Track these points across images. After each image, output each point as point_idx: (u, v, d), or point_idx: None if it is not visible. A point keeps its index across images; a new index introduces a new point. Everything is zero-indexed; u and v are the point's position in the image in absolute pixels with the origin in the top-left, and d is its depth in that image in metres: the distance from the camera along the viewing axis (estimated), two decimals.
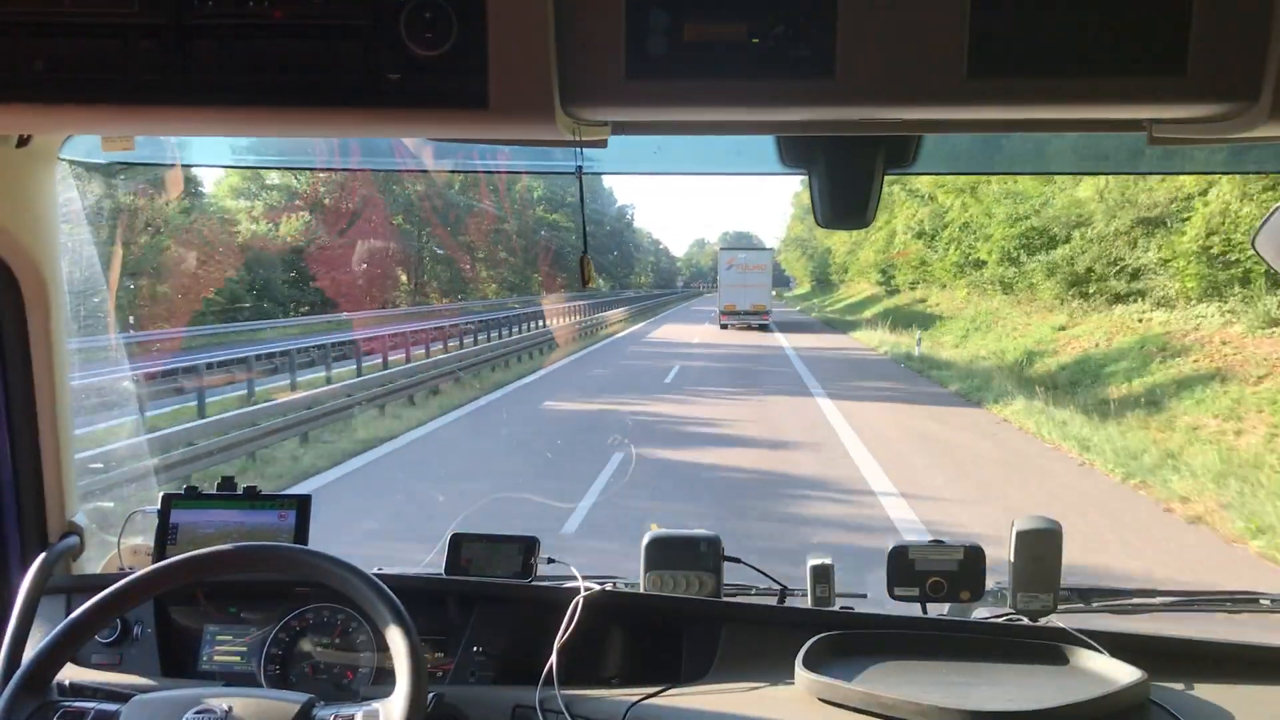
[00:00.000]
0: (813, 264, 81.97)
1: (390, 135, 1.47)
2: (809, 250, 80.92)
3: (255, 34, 0.97)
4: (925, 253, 33.77)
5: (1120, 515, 8.69)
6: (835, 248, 60.84)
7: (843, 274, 64.11)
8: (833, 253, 64.34)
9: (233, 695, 1.22)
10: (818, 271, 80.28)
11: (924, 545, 1.71)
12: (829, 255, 67.31)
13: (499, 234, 63.59)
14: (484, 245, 63.31)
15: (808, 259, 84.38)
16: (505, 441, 12.38)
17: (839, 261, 61.25)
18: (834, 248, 61.65)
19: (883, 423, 13.59)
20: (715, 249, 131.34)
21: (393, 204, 48.11)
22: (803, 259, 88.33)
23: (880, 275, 44.59)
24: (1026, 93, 0.97)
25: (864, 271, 51.45)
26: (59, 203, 1.69)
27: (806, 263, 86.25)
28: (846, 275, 62.19)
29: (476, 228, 60.41)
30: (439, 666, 1.68)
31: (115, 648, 1.72)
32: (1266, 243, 1.48)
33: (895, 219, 35.11)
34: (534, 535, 1.79)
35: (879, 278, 45.41)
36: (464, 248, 60.47)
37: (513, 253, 67.21)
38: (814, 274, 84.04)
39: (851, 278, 59.80)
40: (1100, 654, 1.51)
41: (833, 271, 68.99)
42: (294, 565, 1.34)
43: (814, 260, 79.87)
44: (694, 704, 1.51)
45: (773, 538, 7.34)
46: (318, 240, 38.84)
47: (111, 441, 2.93)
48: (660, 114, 1.07)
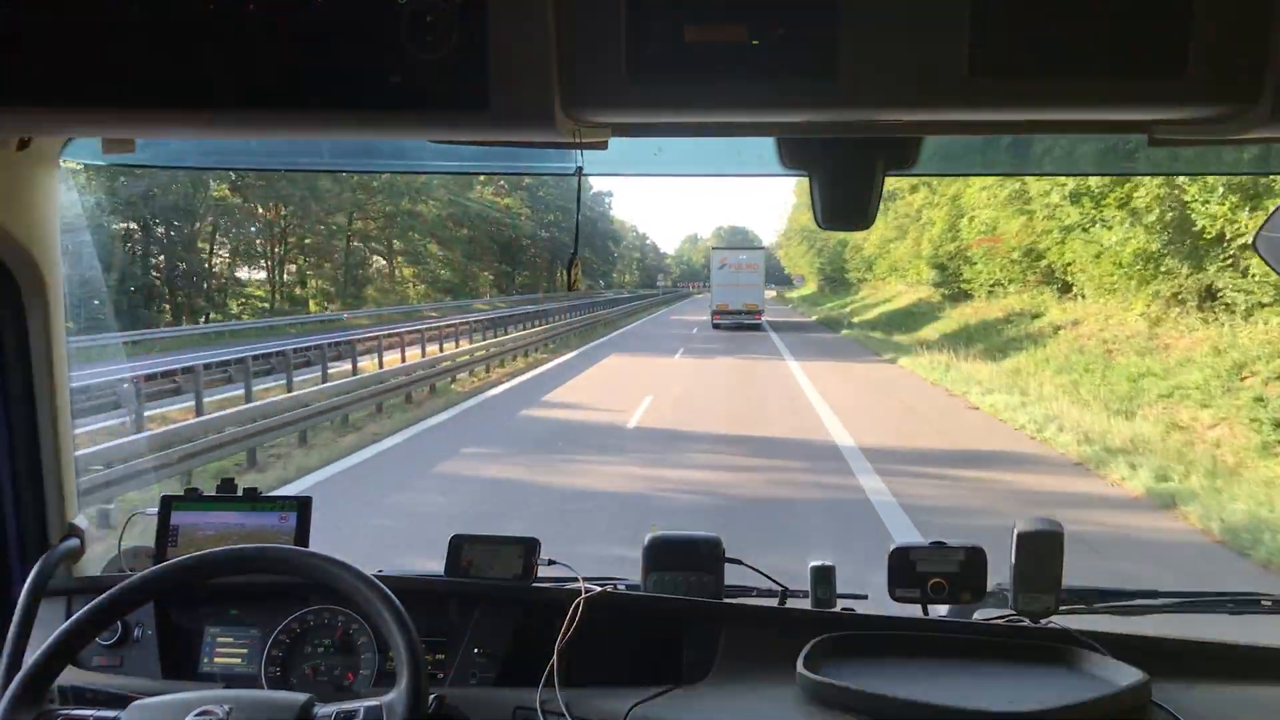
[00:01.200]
0: (821, 259, 69.55)
1: (390, 137, 1.47)
2: (816, 244, 69.46)
3: (255, 36, 0.97)
4: (1042, 239, 21.12)
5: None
6: (859, 239, 45.52)
7: (865, 270, 52.07)
8: (852, 245, 51.32)
9: (233, 697, 1.22)
10: (828, 268, 68.18)
11: (925, 547, 1.71)
12: (844, 248, 55.96)
13: (416, 219, 53.07)
14: (398, 236, 53.06)
15: (815, 253, 71.80)
16: None
17: (866, 254, 48.36)
18: (856, 239, 46.97)
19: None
20: (708, 245, 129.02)
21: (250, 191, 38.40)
22: (809, 253, 75.96)
23: (937, 273, 31.79)
24: (1027, 95, 0.97)
25: (899, 267, 40.38)
26: (59, 205, 1.69)
27: (814, 258, 73.95)
28: (872, 272, 50.15)
29: (387, 215, 50.75)
30: (440, 668, 1.68)
31: (116, 650, 1.72)
32: (1266, 244, 1.48)
33: (969, 191, 24.74)
34: (535, 537, 1.79)
35: (933, 275, 32.42)
36: (365, 237, 51.21)
37: (449, 246, 57.05)
38: (823, 270, 71.74)
39: (881, 275, 47.42)
40: (1102, 655, 1.51)
41: (851, 268, 56.89)
42: (294, 567, 1.34)
43: (823, 255, 67.60)
44: (695, 705, 1.51)
45: None
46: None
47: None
48: (661, 116, 1.07)
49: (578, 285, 1.36)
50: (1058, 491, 9.43)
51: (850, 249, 54.03)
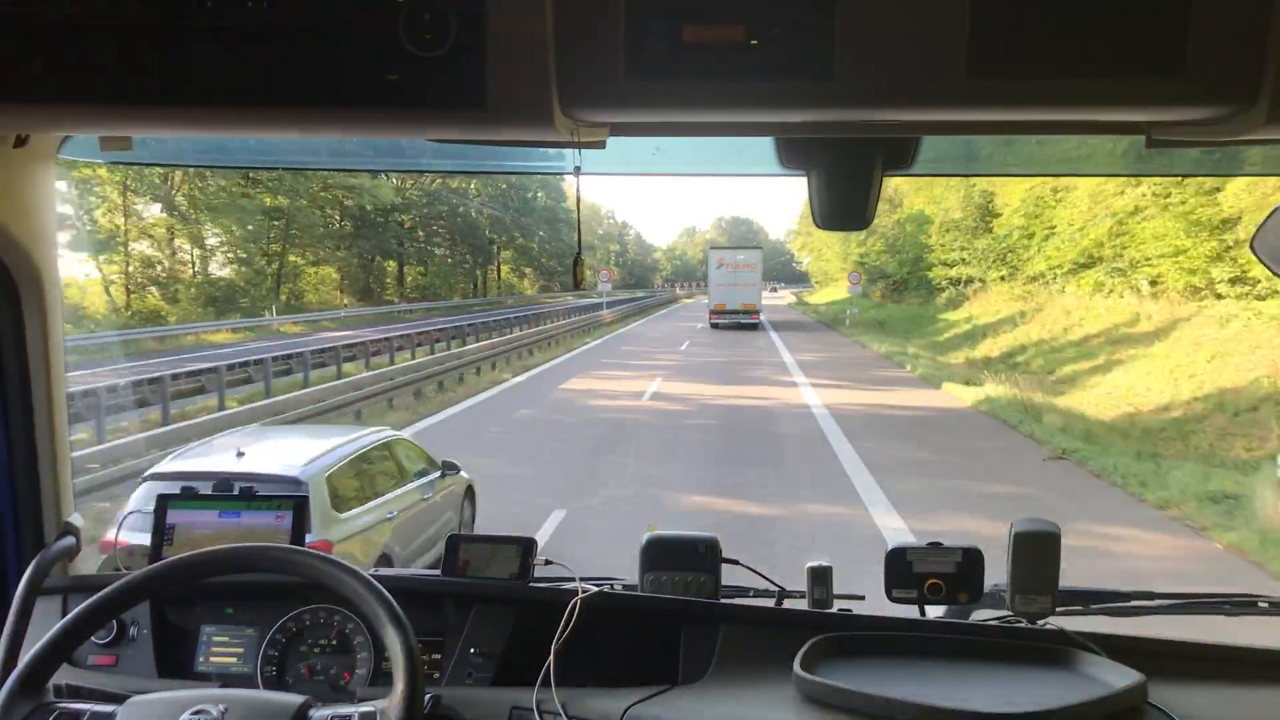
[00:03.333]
0: (867, 248, 44.38)
1: (389, 136, 1.47)
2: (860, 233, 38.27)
3: (254, 35, 0.97)
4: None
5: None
6: (1001, 198, 28.05)
7: (994, 265, 29.77)
8: (942, 225, 32.85)
9: (229, 696, 1.22)
10: (890, 262, 42.35)
11: (922, 548, 1.71)
12: (926, 227, 35.68)
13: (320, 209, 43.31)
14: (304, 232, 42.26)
15: (855, 242, 45.16)
16: None
17: (1009, 233, 28.12)
18: (998, 202, 28.49)
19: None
20: (707, 237, 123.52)
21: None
22: (843, 242, 50.18)
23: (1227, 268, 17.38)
24: (1025, 94, 0.97)
25: (1134, 261, 21.00)
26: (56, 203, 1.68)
27: (852, 248, 48.18)
28: (1013, 265, 28.52)
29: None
30: (436, 668, 1.68)
31: (112, 648, 1.72)
32: (1264, 245, 1.48)
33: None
34: (531, 537, 1.79)
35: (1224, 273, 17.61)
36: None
37: (343, 243, 45.98)
38: (871, 266, 44.91)
39: (1053, 272, 25.21)
40: (1098, 656, 1.51)
41: (958, 258, 32.69)
42: (291, 566, 1.34)
43: (881, 241, 42.07)
44: (691, 706, 1.51)
45: None
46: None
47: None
48: (659, 115, 1.07)
49: (584, 284, 1.36)
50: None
51: (940, 228, 33.80)
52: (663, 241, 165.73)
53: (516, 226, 67.67)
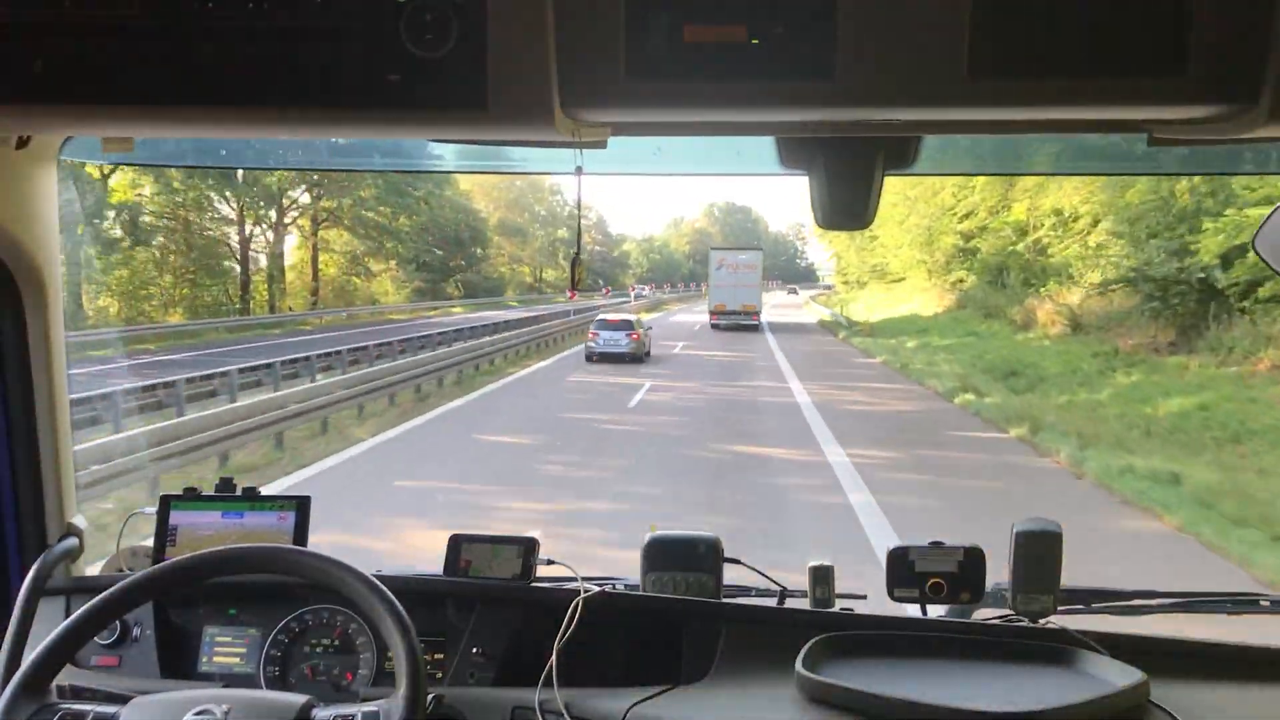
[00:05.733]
0: (928, 243, 34.78)
1: (390, 136, 1.47)
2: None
3: (255, 35, 0.97)
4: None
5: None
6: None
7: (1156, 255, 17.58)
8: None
9: (232, 697, 1.22)
10: (983, 260, 30.02)
11: (924, 547, 1.71)
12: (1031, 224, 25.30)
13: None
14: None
15: (955, 218, 31.79)
16: None
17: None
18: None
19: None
20: (696, 227, 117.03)
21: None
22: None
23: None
24: (1026, 94, 0.97)
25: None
26: (58, 203, 1.68)
27: (946, 224, 32.80)
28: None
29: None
30: (439, 668, 1.68)
31: (114, 650, 1.72)
32: (1265, 244, 1.48)
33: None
34: (533, 536, 1.79)
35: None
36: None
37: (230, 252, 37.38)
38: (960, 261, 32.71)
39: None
40: (1100, 655, 1.51)
41: (1094, 248, 21.69)
42: (293, 567, 1.34)
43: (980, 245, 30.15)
44: (694, 705, 1.51)
45: None
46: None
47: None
48: (660, 115, 1.07)
49: (581, 286, 1.36)
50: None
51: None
52: (637, 231, 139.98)
53: (408, 210, 46.52)
